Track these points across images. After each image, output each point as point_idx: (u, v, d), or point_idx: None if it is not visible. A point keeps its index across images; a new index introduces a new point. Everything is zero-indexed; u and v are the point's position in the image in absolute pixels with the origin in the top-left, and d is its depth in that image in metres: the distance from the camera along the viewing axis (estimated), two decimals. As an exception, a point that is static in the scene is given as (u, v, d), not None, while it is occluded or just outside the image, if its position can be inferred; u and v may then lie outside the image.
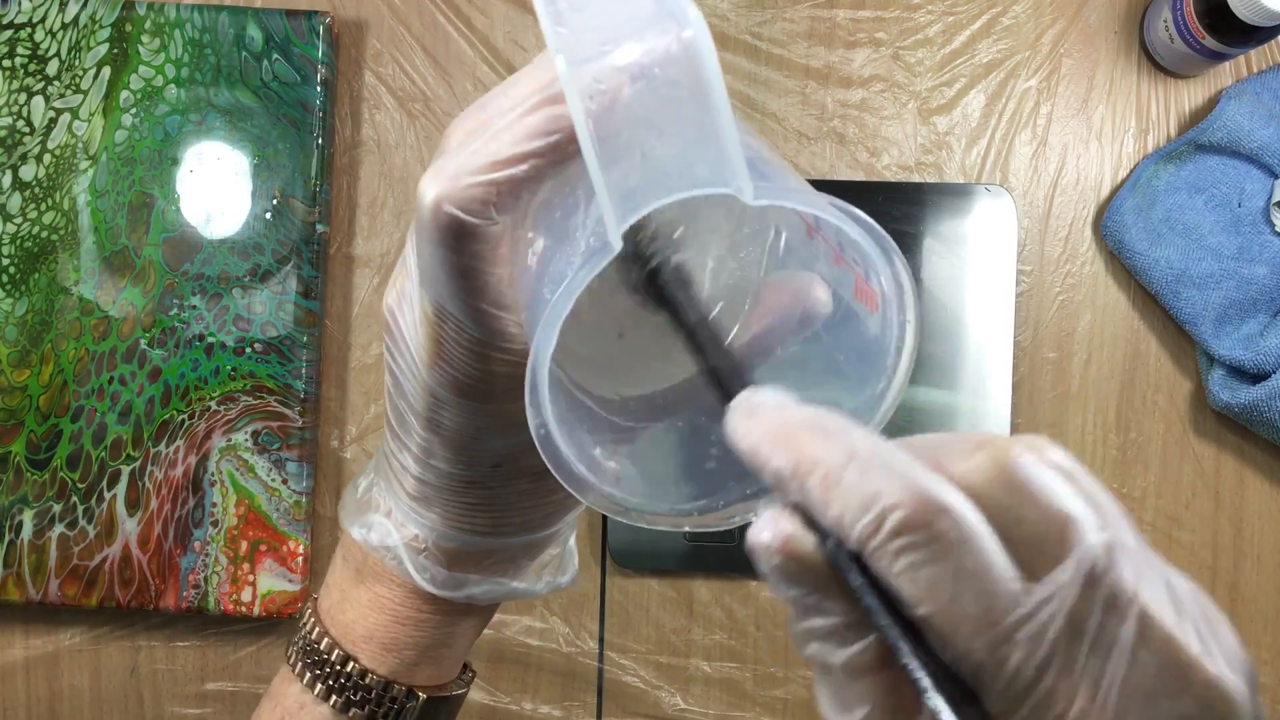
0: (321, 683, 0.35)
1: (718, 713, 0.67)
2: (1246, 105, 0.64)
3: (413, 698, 0.36)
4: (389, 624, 0.35)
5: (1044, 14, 0.68)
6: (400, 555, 0.35)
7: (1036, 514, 0.22)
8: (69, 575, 0.64)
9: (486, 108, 0.28)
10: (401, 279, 0.31)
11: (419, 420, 0.32)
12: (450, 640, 0.36)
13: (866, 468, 0.22)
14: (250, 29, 0.65)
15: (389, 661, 0.35)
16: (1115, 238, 0.66)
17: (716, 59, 0.24)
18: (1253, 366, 0.62)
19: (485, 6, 0.69)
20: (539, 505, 0.34)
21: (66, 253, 0.65)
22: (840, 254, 0.29)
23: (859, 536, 0.22)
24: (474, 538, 0.34)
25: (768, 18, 0.68)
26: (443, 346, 0.29)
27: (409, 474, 0.33)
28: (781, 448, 0.23)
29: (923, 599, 0.21)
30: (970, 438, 0.23)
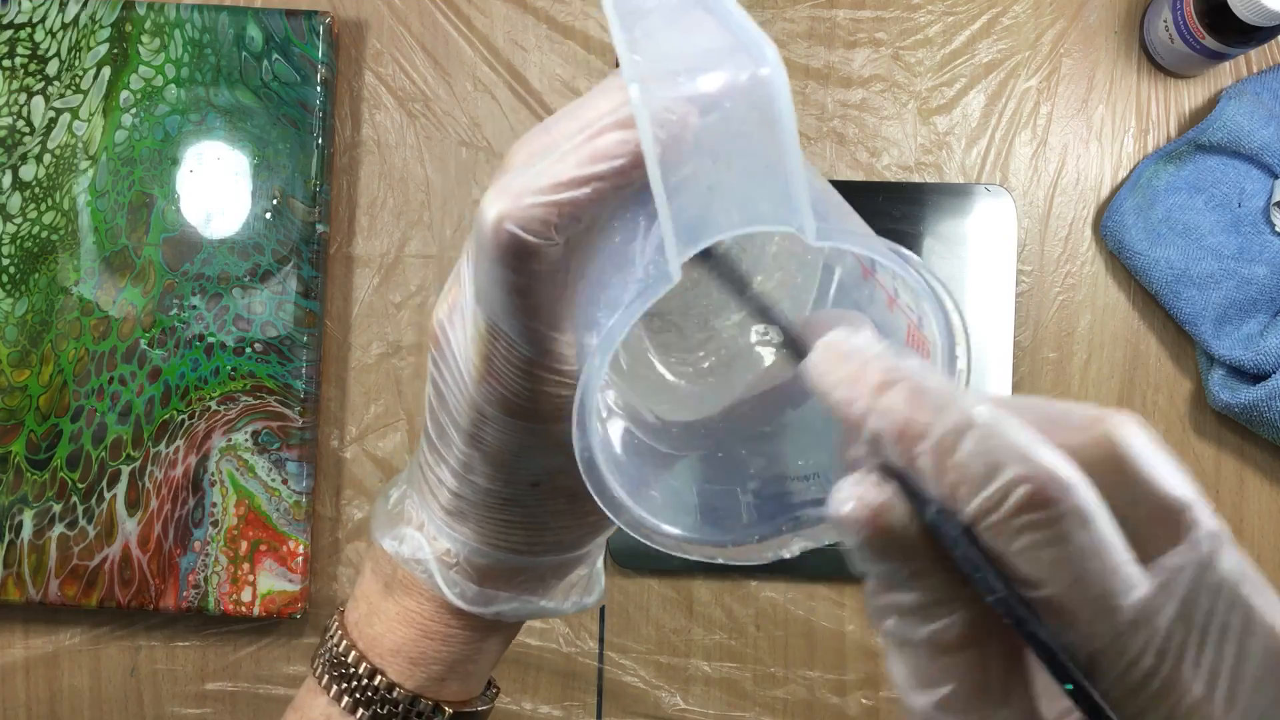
0: (349, 695, 0.35)
1: (718, 713, 0.67)
2: (1246, 105, 0.64)
3: (439, 713, 0.36)
4: (417, 638, 0.35)
5: (1044, 14, 0.68)
6: (431, 569, 0.34)
7: (1151, 496, 0.21)
8: (69, 575, 0.64)
9: (551, 130, 0.28)
10: (454, 293, 0.31)
11: (461, 435, 0.31)
12: (477, 656, 0.36)
13: (985, 437, 0.20)
14: (250, 29, 0.65)
15: (417, 676, 0.35)
16: (1115, 238, 0.66)
17: (790, 97, 0.24)
18: (1253, 366, 0.62)
19: (485, 6, 0.69)
20: (573, 526, 0.34)
21: (66, 253, 0.65)
22: (895, 300, 0.28)
23: (977, 510, 0.20)
24: (507, 555, 0.34)
25: (768, 18, 0.68)
26: (493, 363, 0.29)
27: (445, 488, 0.33)
28: (884, 405, 0.21)
29: (1044, 580, 0.20)
30: (1082, 412, 0.22)
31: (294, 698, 0.38)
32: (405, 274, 0.68)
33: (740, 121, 0.24)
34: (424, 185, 0.68)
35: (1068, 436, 0.21)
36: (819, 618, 0.67)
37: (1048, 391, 0.67)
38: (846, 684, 0.66)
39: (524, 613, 0.35)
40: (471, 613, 0.35)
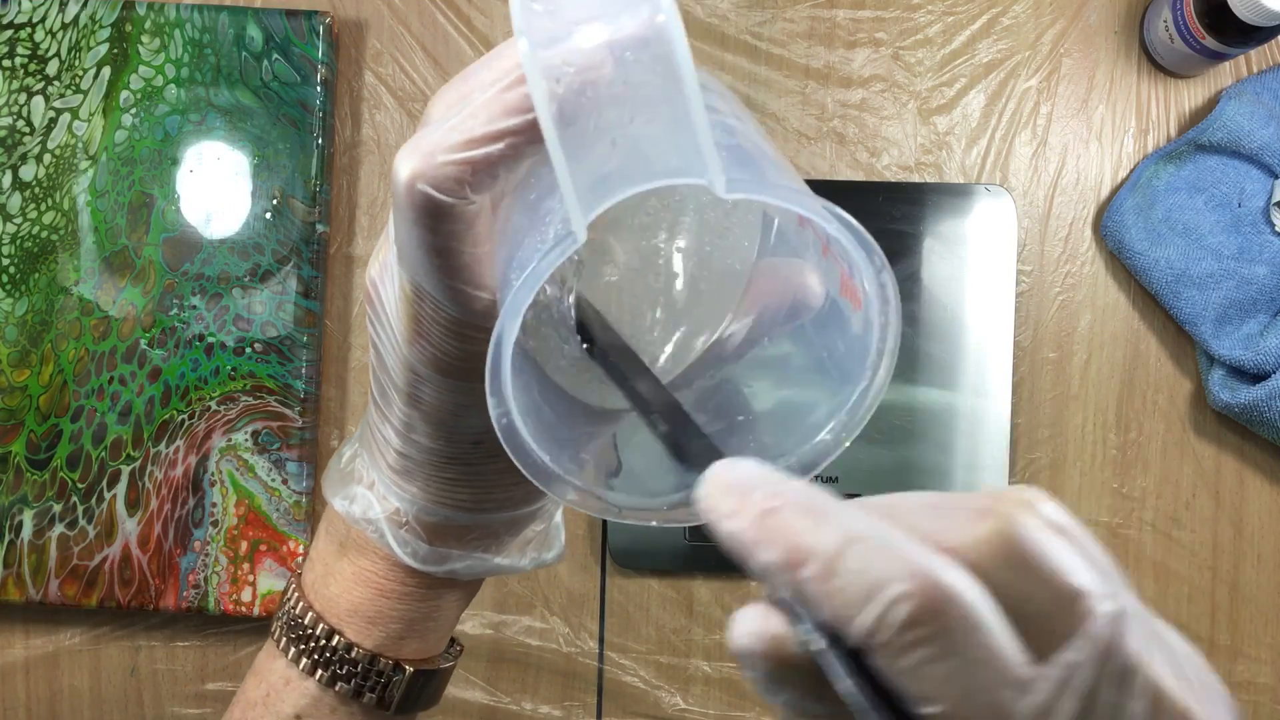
0: (307, 657, 0.35)
1: (718, 713, 0.67)
2: (1246, 105, 0.64)
3: (399, 671, 0.35)
4: (373, 597, 0.35)
5: (1044, 14, 0.68)
6: (382, 529, 0.34)
7: (1045, 589, 0.20)
8: (69, 575, 0.64)
9: (469, 79, 0.27)
10: (384, 250, 0.30)
11: (400, 395, 0.31)
12: (435, 614, 0.36)
13: (866, 553, 0.20)
14: (250, 29, 0.65)
15: (375, 635, 0.35)
16: (1115, 238, 0.66)
17: (687, 45, 0.23)
18: (1253, 366, 0.62)
19: (485, 6, 0.69)
20: (520, 483, 0.32)
21: (66, 253, 0.65)
22: (828, 246, 0.28)
23: (863, 631, 0.20)
24: (455, 513, 0.34)
25: (768, 18, 0.68)
26: (421, 324, 0.29)
27: (391, 447, 0.33)
28: (770, 535, 0.21)
29: (933, 697, 0.20)
30: (968, 503, 0.21)
31: (253, 662, 0.37)
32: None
33: (641, 72, 0.23)
34: (424, 185, 0.68)
35: (962, 530, 0.21)
36: (819, 618, 0.67)
37: (1048, 391, 0.67)
38: (846, 684, 0.66)
39: (478, 569, 0.35)
40: (425, 571, 0.35)
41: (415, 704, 0.37)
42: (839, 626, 0.20)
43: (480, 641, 0.67)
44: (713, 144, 0.23)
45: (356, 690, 0.35)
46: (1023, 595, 0.20)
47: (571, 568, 0.67)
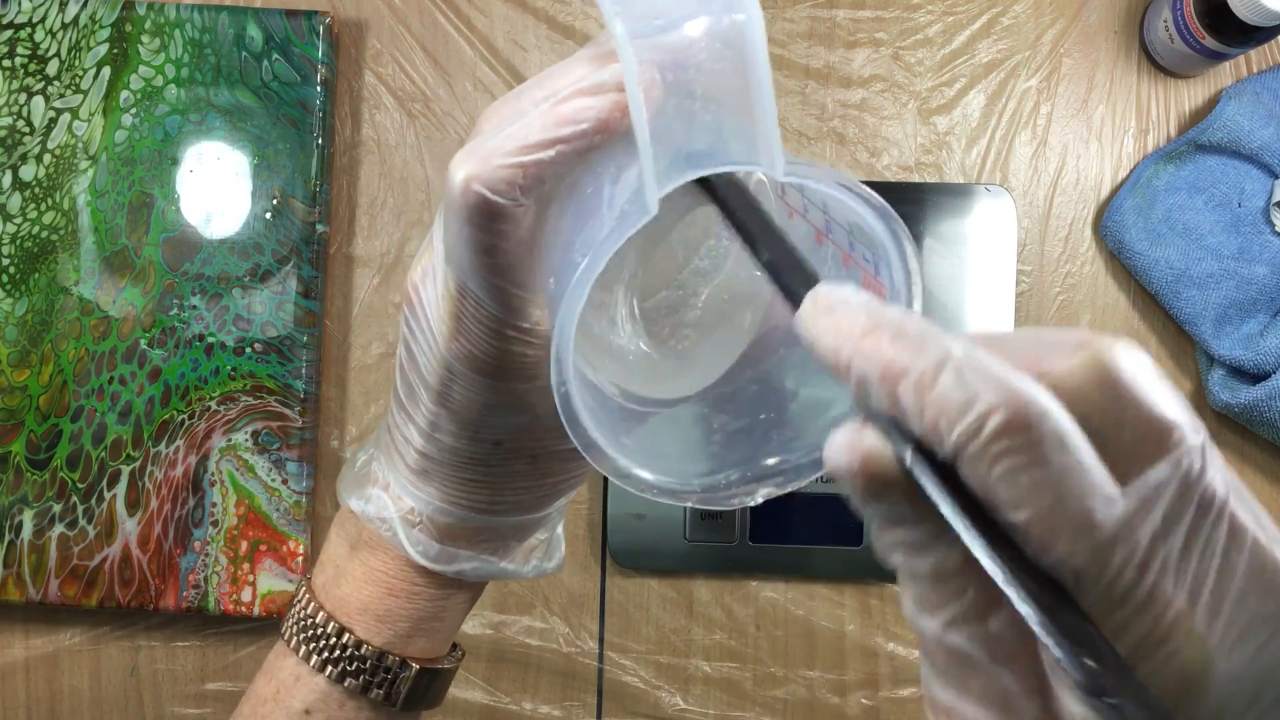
0: (317, 655, 0.36)
1: (718, 713, 0.67)
2: (1246, 105, 0.64)
3: (406, 668, 0.36)
4: (383, 596, 0.36)
5: (1044, 14, 0.68)
6: (395, 527, 0.35)
7: (1136, 416, 0.21)
8: (69, 575, 0.64)
9: (521, 98, 0.29)
10: (427, 256, 0.32)
11: (429, 393, 0.32)
12: (441, 614, 0.37)
13: (962, 372, 0.21)
14: (250, 29, 0.65)
15: (384, 633, 0.36)
16: (1115, 238, 0.66)
17: (765, 44, 0.25)
18: (1253, 366, 0.62)
19: (485, 6, 0.69)
20: (533, 487, 0.35)
21: (66, 253, 0.65)
22: (850, 255, 0.29)
23: (957, 441, 0.21)
24: (468, 514, 0.35)
25: (768, 18, 0.68)
26: (462, 322, 0.30)
27: (411, 447, 0.34)
28: (868, 349, 0.22)
29: (1023, 503, 0.21)
30: (1070, 337, 0.22)
31: (264, 662, 0.39)
32: (405, 274, 0.68)
33: (716, 64, 0.25)
34: (424, 185, 0.68)
35: (1057, 362, 0.22)
36: (819, 618, 0.67)
37: (1048, 391, 0.67)
38: (846, 684, 0.66)
39: (484, 572, 0.36)
40: (434, 570, 0.36)
41: (420, 702, 0.38)
42: (932, 438, 0.21)
43: (480, 641, 0.67)
44: (777, 136, 0.25)
45: (364, 686, 0.36)
46: (1114, 423, 0.21)
47: (571, 568, 0.67)
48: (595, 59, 0.29)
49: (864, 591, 0.66)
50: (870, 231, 0.26)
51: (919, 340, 0.22)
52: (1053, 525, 0.21)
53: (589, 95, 0.27)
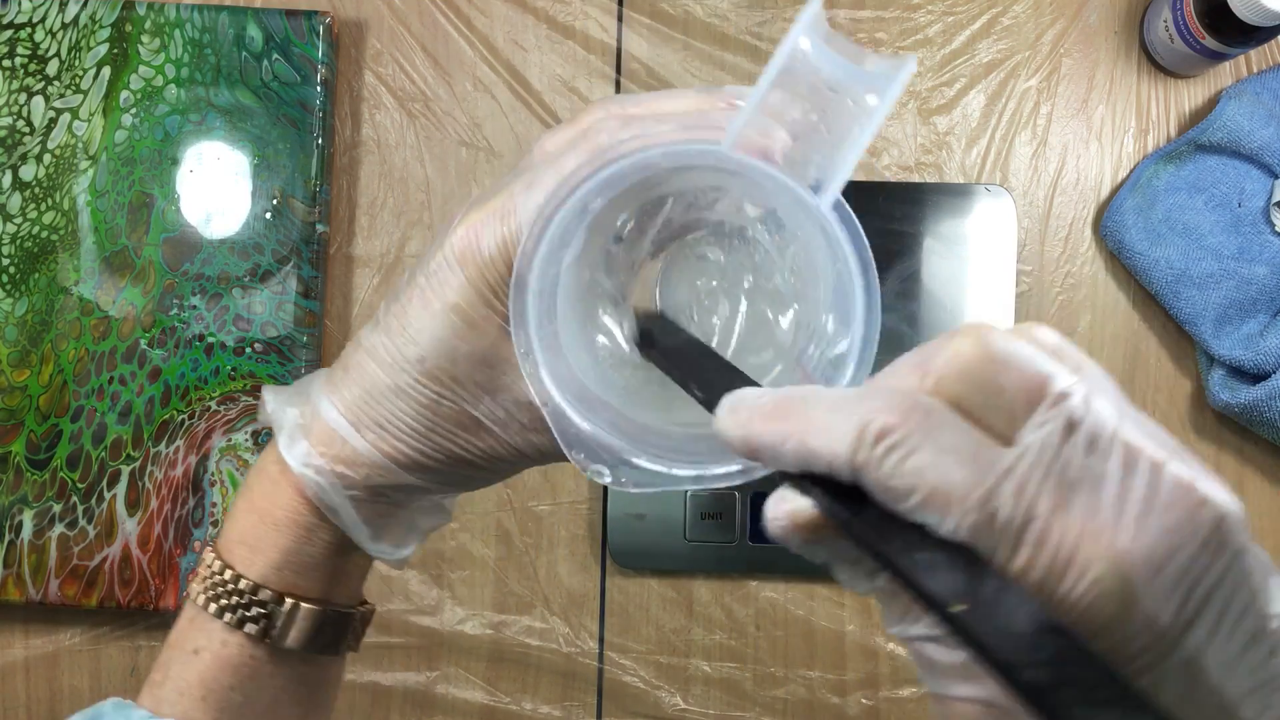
0: (204, 593, 0.36)
1: (718, 713, 0.67)
2: (1246, 105, 0.64)
3: (281, 603, 0.36)
4: (256, 524, 0.36)
5: (1044, 14, 0.68)
6: (284, 419, 0.36)
7: (1014, 380, 0.24)
8: (69, 575, 0.64)
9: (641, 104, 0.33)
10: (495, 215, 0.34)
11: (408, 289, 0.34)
12: (307, 549, 0.37)
13: (836, 408, 0.25)
14: (250, 29, 0.65)
15: (257, 564, 0.36)
16: (1115, 238, 0.66)
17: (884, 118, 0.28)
18: (1253, 366, 0.62)
19: (485, 6, 0.69)
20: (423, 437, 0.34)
21: (66, 253, 0.65)
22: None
23: (851, 460, 0.24)
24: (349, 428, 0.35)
25: (768, 18, 0.68)
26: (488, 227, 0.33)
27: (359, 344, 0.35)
28: (765, 426, 0.26)
29: (914, 487, 0.23)
30: (948, 333, 0.25)
31: None
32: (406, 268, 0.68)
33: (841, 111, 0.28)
34: (424, 185, 0.68)
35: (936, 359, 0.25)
36: (819, 618, 0.67)
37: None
38: (846, 684, 0.66)
39: (326, 497, 0.35)
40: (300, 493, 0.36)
41: (307, 644, 0.37)
42: (837, 466, 0.24)
43: (480, 641, 0.67)
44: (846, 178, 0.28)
45: (241, 620, 0.36)
46: (997, 390, 0.24)
47: (571, 568, 0.67)
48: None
49: (864, 591, 0.67)
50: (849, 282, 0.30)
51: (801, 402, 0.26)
52: (941, 496, 0.23)
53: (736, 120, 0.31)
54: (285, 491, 0.36)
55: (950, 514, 0.23)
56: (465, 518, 0.67)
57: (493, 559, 0.67)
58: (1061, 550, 0.23)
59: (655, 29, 0.68)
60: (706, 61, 0.68)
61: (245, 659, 0.36)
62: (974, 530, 0.23)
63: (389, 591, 0.67)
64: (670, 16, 0.69)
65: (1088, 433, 0.23)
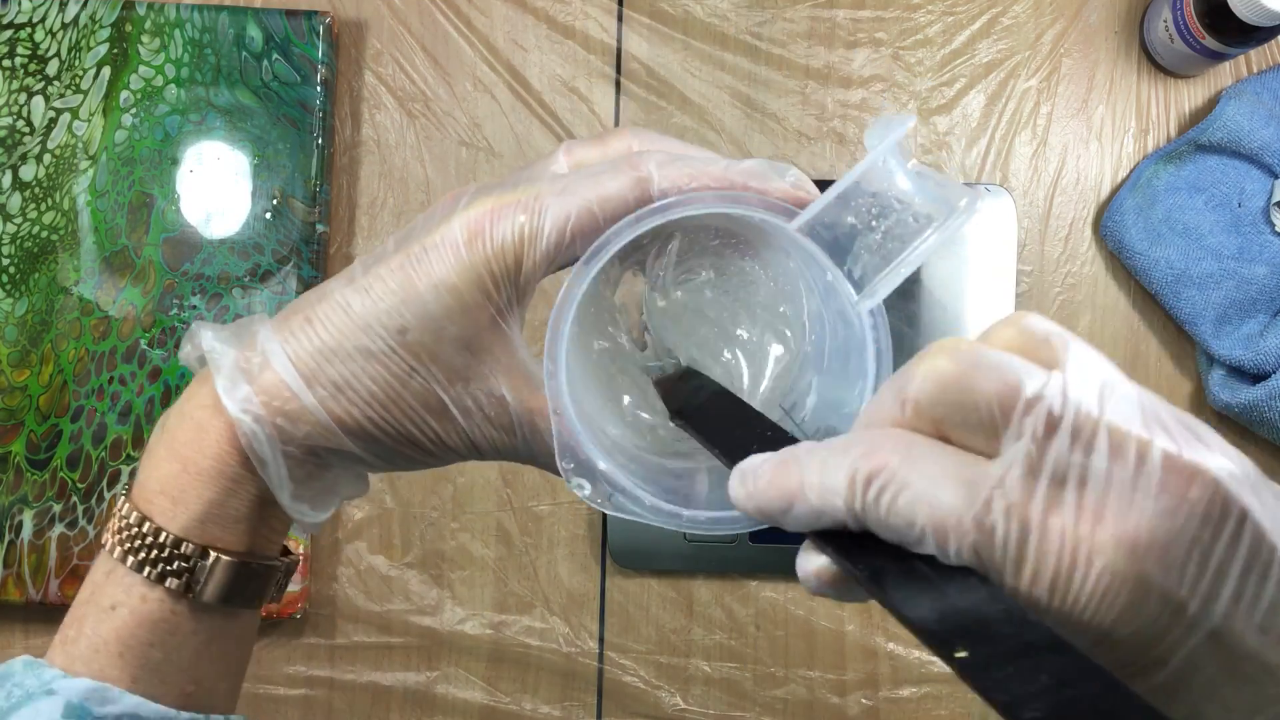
0: (120, 546, 0.35)
1: (718, 713, 0.67)
2: (1246, 105, 0.64)
3: (205, 557, 0.35)
4: (178, 473, 0.35)
5: (1044, 14, 0.68)
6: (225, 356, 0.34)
7: (987, 391, 0.24)
8: (69, 575, 0.64)
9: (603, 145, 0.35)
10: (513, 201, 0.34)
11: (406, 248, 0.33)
12: (231, 502, 0.35)
13: (827, 462, 0.26)
14: (250, 29, 0.65)
15: (179, 517, 0.35)
16: (1115, 238, 0.66)
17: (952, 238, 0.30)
18: (1253, 366, 0.62)
19: (485, 6, 0.69)
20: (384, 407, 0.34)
21: (66, 253, 0.65)
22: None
23: (851, 509, 0.25)
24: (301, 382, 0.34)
25: (768, 18, 0.68)
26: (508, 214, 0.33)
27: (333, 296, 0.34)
28: (771, 494, 0.27)
29: (912, 520, 0.24)
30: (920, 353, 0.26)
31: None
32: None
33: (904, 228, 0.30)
34: (424, 185, 0.68)
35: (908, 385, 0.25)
36: (819, 618, 0.67)
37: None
38: (846, 684, 0.66)
39: (259, 447, 0.34)
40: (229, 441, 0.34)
41: (227, 597, 0.36)
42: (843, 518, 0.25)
43: (480, 641, 0.67)
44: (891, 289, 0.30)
45: (162, 575, 0.35)
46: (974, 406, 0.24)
47: (571, 568, 0.67)
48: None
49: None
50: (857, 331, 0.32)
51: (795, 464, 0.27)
52: (941, 525, 0.24)
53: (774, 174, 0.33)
54: (212, 439, 0.34)
55: (949, 540, 0.24)
56: (465, 518, 0.67)
57: (493, 559, 0.67)
58: (1064, 550, 0.23)
59: (655, 29, 0.68)
60: (706, 61, 0.68)
61: (165, 614, 0.35)
62: (976, 550, 0.23)
63: (389, 591, 0.67)
64: (670, 16, 0.69)
65: (1069, 427, 0.23)
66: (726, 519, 0.31)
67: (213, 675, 0.37)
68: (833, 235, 0.30)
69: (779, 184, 0.33)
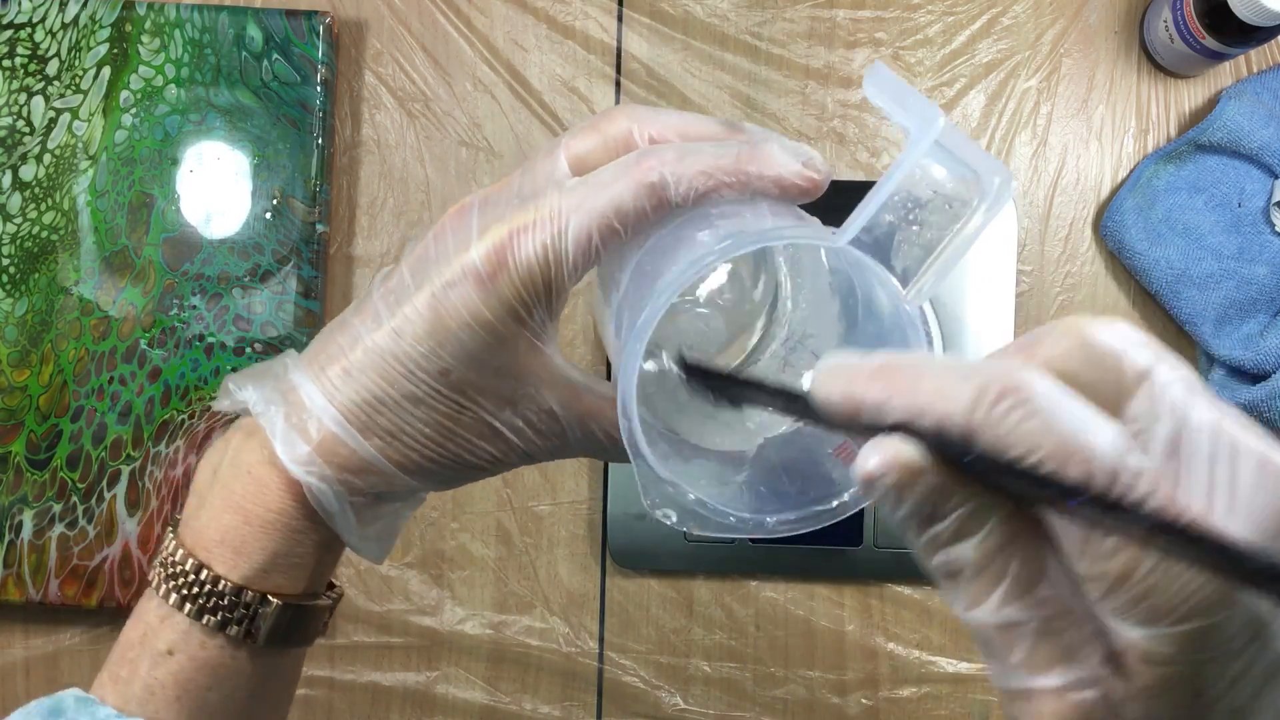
0: (177, 592, 0.35)
1: (718, 713, 0.67)
2: (1246, 105, 0.64)
3: (266, 604, 0.36)
4: (239, 525, 0.35)
5: (1044, 14, 0.68)
6: (274, 416, 0.34)
7: (1114, 365, 0.25)
8: (69, 575, 0.64)
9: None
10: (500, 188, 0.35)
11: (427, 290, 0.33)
12: (296, 550, 0.36)
13: (948, 374, 0.25)
14: (250, 29, 0.65)
15: (241, 567, 0.35)
16: (1115, 238, 0.66)
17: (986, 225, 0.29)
18: (1253, 366, 0.62)
19: (485, 6, 0.69)
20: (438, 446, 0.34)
21: (66, 253, 0.65)
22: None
23: (967, 416, 0.24)
24: (357, 437, 0.34)
25: (768, 18, 0.68)
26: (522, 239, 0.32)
27: (360, 343, 0.34)
28: (871, 384, 0.26)
29: (1036, 445, 0.24)
30: (1050, 326, 0.26)
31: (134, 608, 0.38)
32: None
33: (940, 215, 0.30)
34: (424, 185, 0.68)
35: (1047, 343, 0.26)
36: (819, 618, 0.67)
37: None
38: (846, 684, 0.66)
39: (328, 503, 0.35)
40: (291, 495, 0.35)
41: (285, 639, 0.37)
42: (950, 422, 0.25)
43: (480, 641, 0.67)
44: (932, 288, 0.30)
45: (223, 622, 0.35)
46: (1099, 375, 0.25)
47: (571, 568, 0.67)
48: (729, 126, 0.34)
49: (864, 591, 0.66)
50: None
51: (914, 362, 0.26)
52: (1064, 456, 0.24)
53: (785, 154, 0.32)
54: (274, 493, 0.35)
55: (1070, 472, 0.24)
56: (465, 518, 0.67)
57: (493, 559, 0.67)
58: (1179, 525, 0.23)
59: (655, 29, 0.69)
60: (706, 61, 0.68)
61: (224, 660, 0.36)
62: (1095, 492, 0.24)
63: (389, 591, 0.67)
64: (670, 16, 0.69)
65: (1196, 417, 0.24)
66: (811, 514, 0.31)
67: (264, 712, 0.38)
68: (873, 238, 0.30)
69: (792, 167, 0.32)
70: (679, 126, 0.34)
